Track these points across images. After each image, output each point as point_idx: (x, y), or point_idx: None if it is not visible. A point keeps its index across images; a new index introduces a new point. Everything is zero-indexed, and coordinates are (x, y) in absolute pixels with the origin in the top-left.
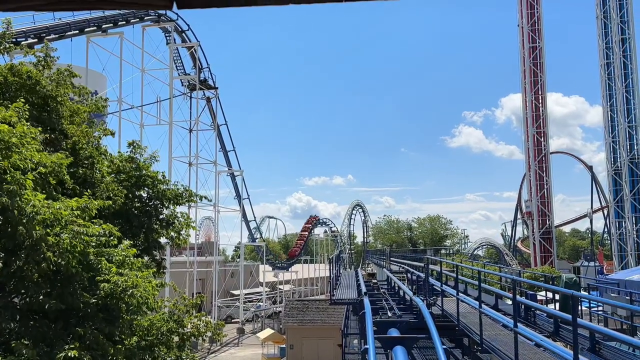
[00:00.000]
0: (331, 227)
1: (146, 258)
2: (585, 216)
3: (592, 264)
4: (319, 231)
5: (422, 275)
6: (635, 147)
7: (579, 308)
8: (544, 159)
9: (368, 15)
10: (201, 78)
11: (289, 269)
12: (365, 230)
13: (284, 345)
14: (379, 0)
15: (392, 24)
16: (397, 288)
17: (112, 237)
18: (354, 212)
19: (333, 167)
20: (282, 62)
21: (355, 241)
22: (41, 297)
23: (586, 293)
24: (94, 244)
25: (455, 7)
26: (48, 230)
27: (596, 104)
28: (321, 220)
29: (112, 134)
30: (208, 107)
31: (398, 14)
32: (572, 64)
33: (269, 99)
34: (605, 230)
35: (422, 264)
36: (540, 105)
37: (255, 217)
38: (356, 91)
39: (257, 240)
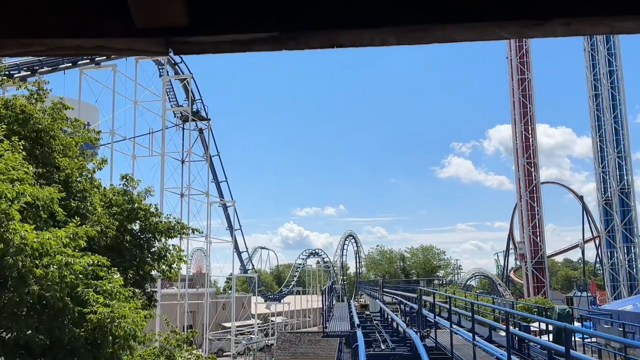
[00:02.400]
0: (324, 258)
1: (138, 291)
2: (576, 246)
3: (584, 294)
4: (311, 262)
5: (415, 306)
6: (625, 177)
7: (572, 339)
8: (534, 189)
9: (358, 48)
10: (194, 110)
11: (281, 301)
12: (357, 261)
13: None
14: (370, 46)
15: (381, 56)
16: (390, 320)
17: (101, 267)
18: (346, 242)
19: (324, 198)
20: (273, 94)
21: (348, 272)
22: (29, 331)
23: (579, 324)
24: (81, 276)
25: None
26: (36, 261)
27: (583, 135)
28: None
29: (105, 161)
30: (200, 138)
31: (387, 47)
32: (559, 96)
33: (261, 129)
34: (597, 260)
35: (415, 295)
36: (530, 136)
37: (247, 248)
38: (346, 122)
39: (249, 272)
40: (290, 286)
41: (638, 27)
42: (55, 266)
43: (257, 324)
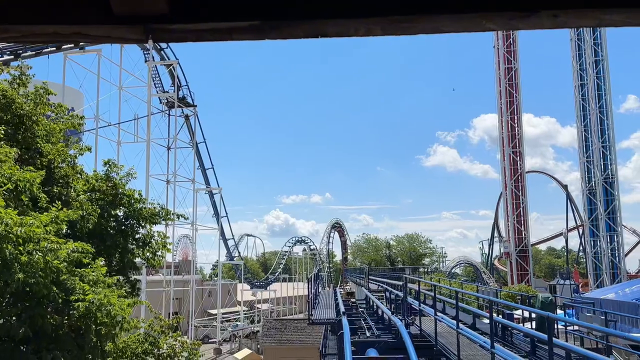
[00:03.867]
0: (310, 245)
1: (122, 279)
2: (560, 234)
3: (568, 282)
4: (297, 249)
5: (401, 294)
6: (609, 167)
7: (555, 327)
8: (519, 178)
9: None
10: (179, 96)
11: (267, 288)
12: (344, 248)
13: None
14: (355, 36)
15: (368, 43)
16: (375, 307)
17: (85, 253)
18: (332, 230)
19: (311, 186)
20: (260, 81)
21: (334, 259)
22: (13, 318)
23: (562, 312)
24: (65, 263)
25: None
26: (20, 248)
27: (567, 125)
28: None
29: (89, 149)
30: (186, 124)
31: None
32: (543, 86)
33: (247, 117)
34: (581, 248)
35: (400, 283)
36: (516, 125)
37: (233, 235)
38: (333, 110)
39: (235, 259)
40: (277, 273)
41: (624, 19)
42: (40, 253)
43: (243, 311)
